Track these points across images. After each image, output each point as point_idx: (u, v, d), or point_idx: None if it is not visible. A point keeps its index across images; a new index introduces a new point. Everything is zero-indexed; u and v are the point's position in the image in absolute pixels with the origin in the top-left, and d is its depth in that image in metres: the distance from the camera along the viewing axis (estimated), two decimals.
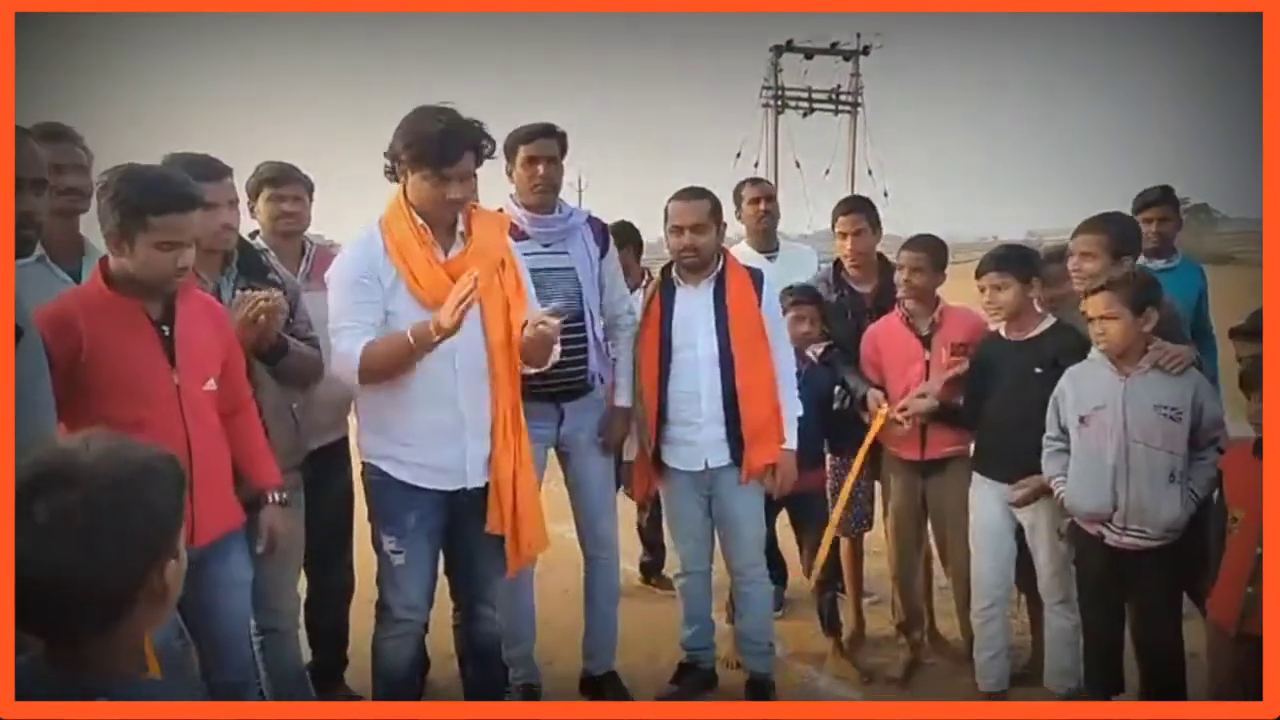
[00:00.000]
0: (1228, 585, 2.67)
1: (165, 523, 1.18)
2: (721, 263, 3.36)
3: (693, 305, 3.33)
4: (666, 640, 3.80)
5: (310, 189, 3.43)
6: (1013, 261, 3.34)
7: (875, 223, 3.92)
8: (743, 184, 4.47)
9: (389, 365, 2.66)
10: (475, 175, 2.77)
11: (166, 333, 2.33)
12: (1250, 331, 2.66)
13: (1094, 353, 3.06)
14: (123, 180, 2.26)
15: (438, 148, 2.64)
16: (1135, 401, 2.93)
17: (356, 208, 7.49)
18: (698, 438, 3.32)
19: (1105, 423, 2.97)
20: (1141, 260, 3.87)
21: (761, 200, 4.32)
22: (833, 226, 3.97)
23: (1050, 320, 3.36)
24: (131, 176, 2.28)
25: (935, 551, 3.78)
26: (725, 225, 3.49)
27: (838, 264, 3.97)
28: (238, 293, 2.71)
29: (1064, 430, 3.10)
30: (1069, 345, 3.22)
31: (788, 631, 4.01)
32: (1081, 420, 3.03)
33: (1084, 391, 3.04)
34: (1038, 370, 3.24)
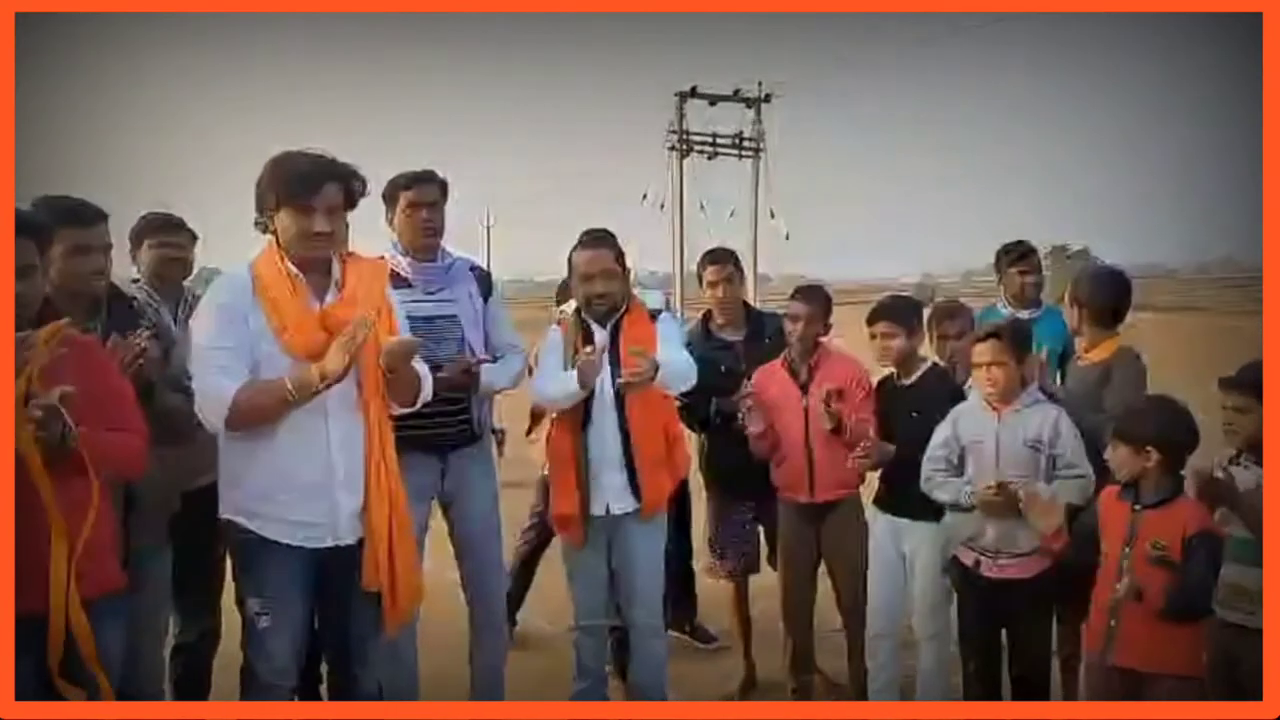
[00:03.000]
0: (1096, 616, 2.84)
1: None
2: (625, 305, 3.37)
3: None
4: (558, 691, 3.69)
5: (194, 239, 3.42)
6: (902, 312, 3.54)
7: (740, 271, 4.02)
8: None
9: (264, 414, 2.57)
10: (344, 217, 2.69)
11: None
12: (1240, 383, 2.76)
13: (974, 394, 3.26)
14: None
15: (301, 179, 2.59)
16: (1007, 437, 3.12)
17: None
18: (600, 481, 3.28)
19: (981, 456, 3.16)
20: (1008, 310, 4.06)
21: None
22: (699, 278, 4.04)
23: (927, 364, 3.55)
24: None
25: (834, 594, 3.79)
26: (630, 268, 3.51)
27: (706, 316, 4.03)
28: (113, 337, 2.61)
29: (954, 462, 3.23)
30: (942, 387, 3.45)
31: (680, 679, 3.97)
32: (964, 451, 3.21)
33: (963, 428, 3.22)
34: (914, 414, 3.40)
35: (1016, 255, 4.20)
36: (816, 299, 3.68)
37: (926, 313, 3.71)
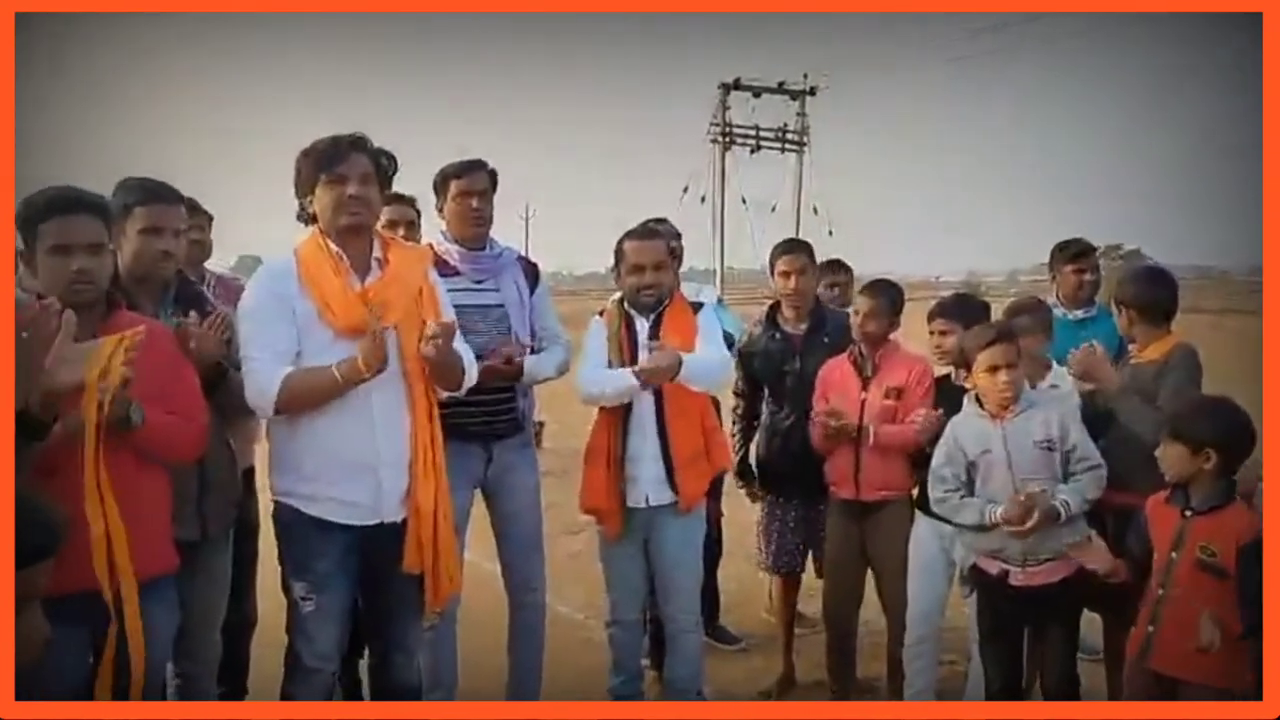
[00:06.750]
0: (1141, 618, 2.77)
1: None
2: (669, 298, 3.36)
3: (638, 340, 3.33)
4: (594, 684, 3.70)
5: (210, 221, 3.50)
6: (959, 310, 3.47)
7: (814, 263, 3.95)
8: None
9: (311, 399, 2.61)
10: (377, 189, 2.73)
11: None
12: None
13: (968, 404, 3.16)
14: (22, 200, 2.25)
15: (329, 150, 2.66)
16: (1016, 441, 3.03)
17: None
18: (638, 473, 3.28)
19: (992, 467, 3.06)
20: (1061, 310, 3.96)
21: None
22: (771, 268, 3.98)
23: None
24: (32, 193, 2.25)
25: (879, 597, 3.74)
26: (680, 259, 3.49)
27: (774, 307, 3.99)
28: (180, 320, 2.64)
29: (962, 478, 3.12)
30: None
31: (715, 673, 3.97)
32: (971, 465, 3.11)
33: (968, 439, 3.12)
34: None
35: (1073, 253, 4.07)
36: (879, 294, 3.59)
37: (997, 309, 3.59)
